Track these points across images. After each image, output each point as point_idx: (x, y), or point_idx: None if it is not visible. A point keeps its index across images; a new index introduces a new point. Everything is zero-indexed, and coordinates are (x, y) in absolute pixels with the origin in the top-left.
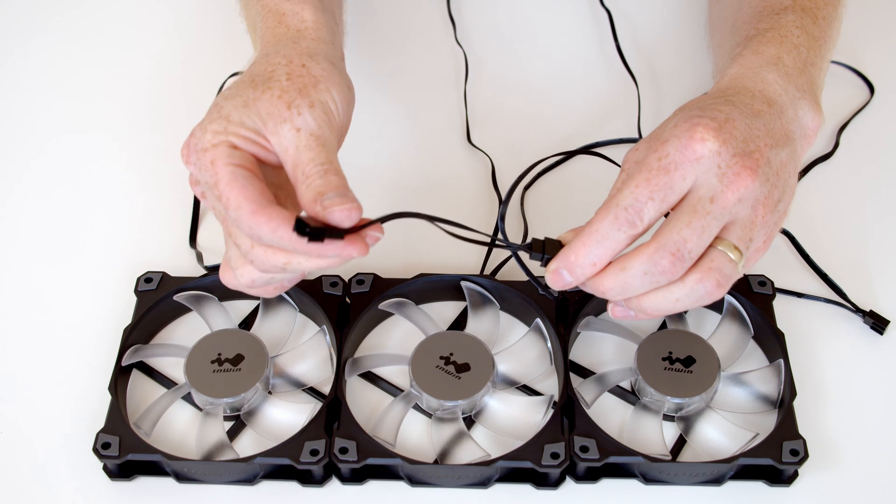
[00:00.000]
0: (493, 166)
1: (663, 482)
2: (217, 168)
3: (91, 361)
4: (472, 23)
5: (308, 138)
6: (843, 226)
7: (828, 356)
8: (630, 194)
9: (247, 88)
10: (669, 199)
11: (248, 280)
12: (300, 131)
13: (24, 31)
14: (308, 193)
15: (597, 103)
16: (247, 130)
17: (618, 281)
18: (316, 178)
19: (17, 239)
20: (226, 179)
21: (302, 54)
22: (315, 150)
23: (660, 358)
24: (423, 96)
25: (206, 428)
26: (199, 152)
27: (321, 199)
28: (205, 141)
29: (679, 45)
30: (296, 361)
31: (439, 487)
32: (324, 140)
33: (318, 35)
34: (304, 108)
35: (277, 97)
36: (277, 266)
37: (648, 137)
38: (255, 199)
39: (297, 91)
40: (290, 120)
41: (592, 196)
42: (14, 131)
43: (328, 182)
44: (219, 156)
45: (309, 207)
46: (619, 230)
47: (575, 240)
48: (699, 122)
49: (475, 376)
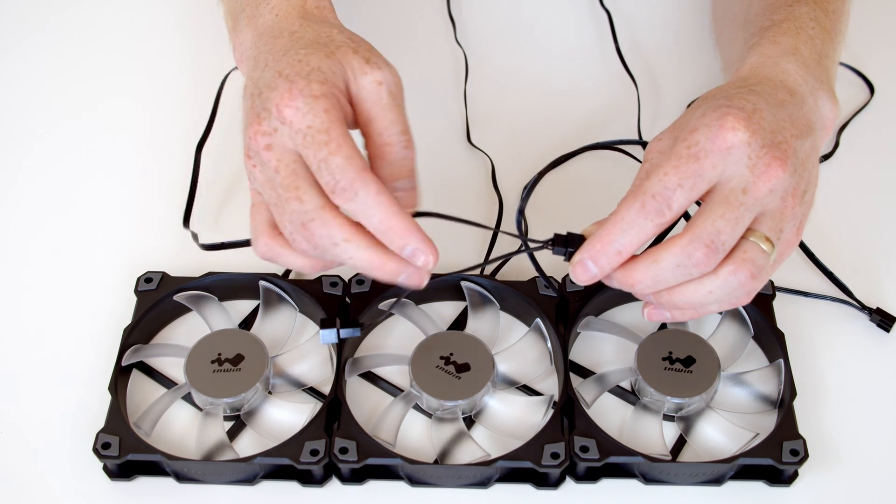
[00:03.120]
0: (493, 166)
1: (663, 482)
2: (332, 117)
3: (91, 361)
4: (472, 23)
5: (388, 96)
6: (846, 224)
7: (828, 356)
8: (658, 182)
9: (317, 47)
10: (699, 187)
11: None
12: (381, 85)
13: (23, 28)
14: (385, 168)
15: (596, 104)
16: (340, 80)
17: (648, 273)
18: (396, 152)
19: (16, 239)
20: (341, 130)
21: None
22: (395, 112)
23: (660, 358)
24: (423, 96)
25: (206, 428)
26: (310, 99)
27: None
28: (314, 88)
29: (678, 46)
30: (296, 361)
31: (439, 487)
32: (399, 101)
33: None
34: (381, 63)
35: (353, 52)
36: (332, 240)
37: (673, 127)
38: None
39: (368, 49)
40: (371, 72)
41: (595, 195)
42: (13, 131)
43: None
44: (332, 106)
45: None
46: (646, 219)
47: (600, 228)
48: (729, 112)
49: (475, 376)
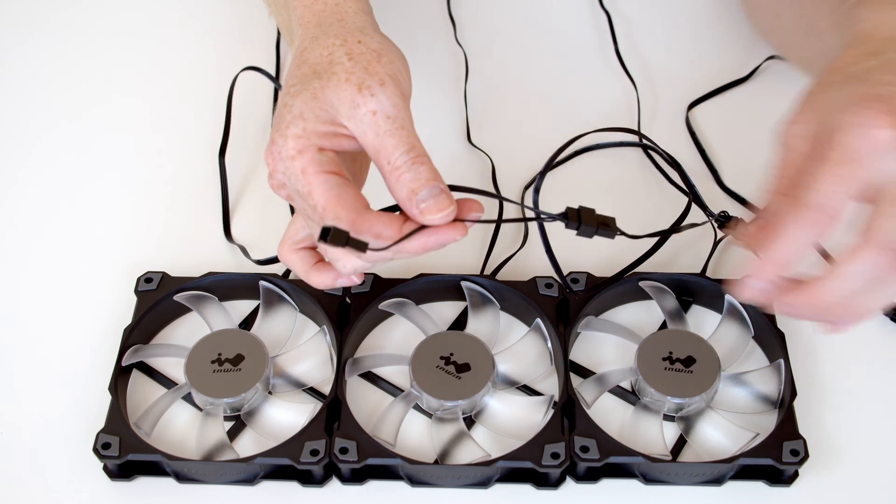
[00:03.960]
0: (493, 166)
1: (663, 482)
2: (309, 178)
3: (91, 361)
4: (472, 23)
5: (386, 122)
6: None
7: (828, 356)
8: (816, 193)
9: (311, 80)
10: (858, 189)
11: (352, 268)
12: (376, 114)
13: (24, 28)
14: (402, 191)
15: (596, 104)
16: (324, 125)
17: (831, 290)
18: (405, 171)
19: (16, 239)
20: (320, 190)
21: (353, 31)
22: (397, 136)
23: (660, 358)
24: (423, 96)
25: (206, 428)
26: (286, 161)
27: (415, 198)
28: (289, 148)
29: (678, 46)
30: (296, 361)
31: (439, 487)
32: (402, 121)
33: (358, 6)
34: (375, 87)
35: (345, 80)
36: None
37: (807, 107)
38: (352, 207)
39: (363, 70)
40: (363, 104)
41: (598, 192)
42: (14, 131)
43: (418, 175)
44: (308, 164)
45: (405, 206)
46: (808, 231)
47: (762, 248)
48: (870, 106)
49: (475, 376)
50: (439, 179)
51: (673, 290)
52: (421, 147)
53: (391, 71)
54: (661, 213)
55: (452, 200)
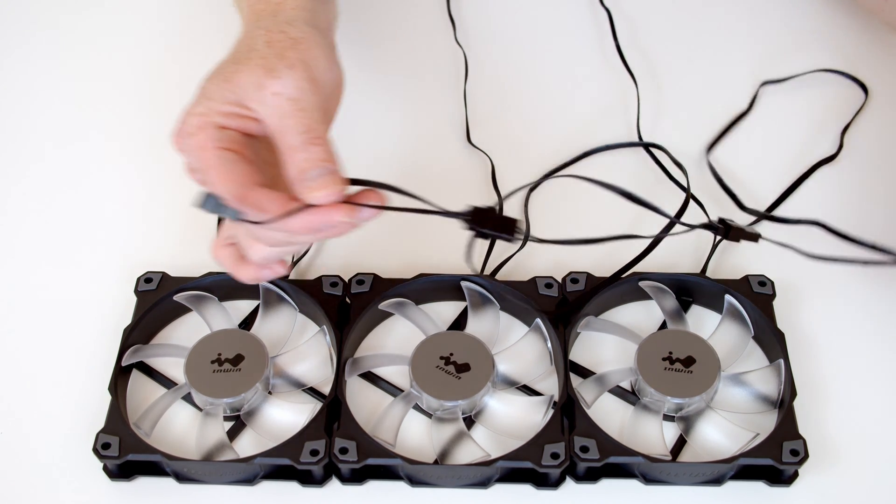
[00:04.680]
0: (493, 166)
1: (663, 482)
2: (205, 153)
3: (91, 361)
4: (472, 23)
5: (287, 104)
6: (854, 223)
7: (828, 356)
8: None
9: (228, 64)
10: None
11: (260, 256)
12: (280, 96)
13: (24, 31)
14: (293, 170)
15: (596, 103)
16: (229, 105)
17: None
18: (298, 151)
19: (17, 239)
20: (212, 164)
21: (281, 23)
22: (296, 118)
23: (660, 358)
24: (423, 96)
25: (206, 428)
26: (186, 138)
27: (303, 177)
28: (190, 125)
29: (678, 44)
30: (296, 361)
31: (439, 487)
32: (304, 104)
33: (298, 4)
34: (282, 70)
35: (257, 65)
36: (284, 240)
37: None
38: (241, 181)
39: (276, 56)
40: (269, 86)
41: (597, 199)
42: (14, 131)
43: (310, 156)
44: (206, 140)
45: (294, 186)
46: None
47: None
48: None
49: (475, 376)
50: (332, 162)
51: (673, 290)
52: (320, 130)
53: (305, 56)
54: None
55: (340, 182)
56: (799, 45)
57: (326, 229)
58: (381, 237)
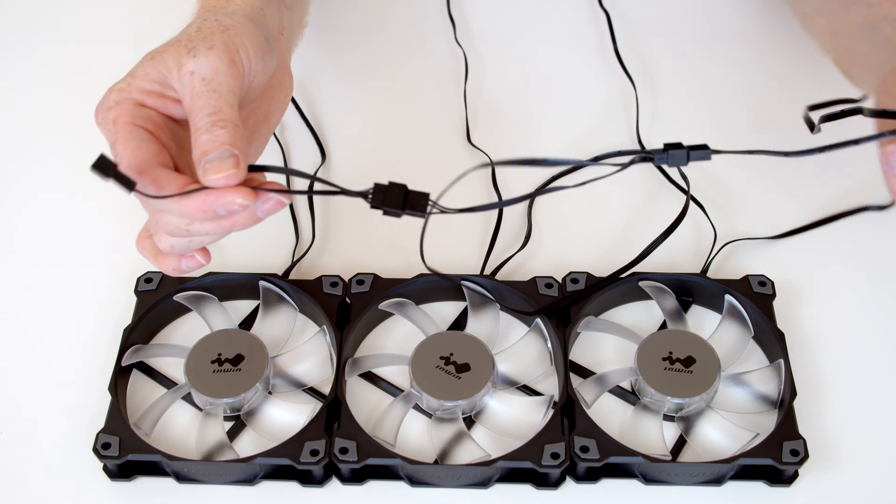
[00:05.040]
0: (492, 167)
1: (663, 482)
2: (117, 126)
3: (91, 361)
4: (472, 23)
5: (200, 83)
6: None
7: (828, 356)
8: None
9: (163, 45)
10: None
11: (167, 245)
12: (194, 75)
13: (24, 30)
14: (196, 152)
15: (595, 104)
16: (150, 83)
17: None
18: (203, 133)
19: (17, 239)
20: (122, 139)
21: (221, 13)
22: (205, 97)
23: (660, 358)
24: (423, 96)
25: (206, 428)
26: (104, 111)
27: (203, 159)
28: (109, 99)
29: (677, 46)
30: (296, 361)
31: (439, 487)
32: (216, 84)
33: (247, 2)
34: (201, 50)
35: (181, 45)
36: (181, 228)
37: None
38: (144, 159)
39: (202, 38)
40: (186, 64)
41: (600, 205)
42: (14, 131)
43: (213, 139)
44: (121, 113)
45: (196, 167)
46: None
47: None
48: None
49: (475, 376)
50: (236, 146)
51: (673, 290)
52: (229, 112)
53: (228, 41)
54: (671, 218)
55: (239, 166)
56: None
57: (226, 217)
58: (381, 237)
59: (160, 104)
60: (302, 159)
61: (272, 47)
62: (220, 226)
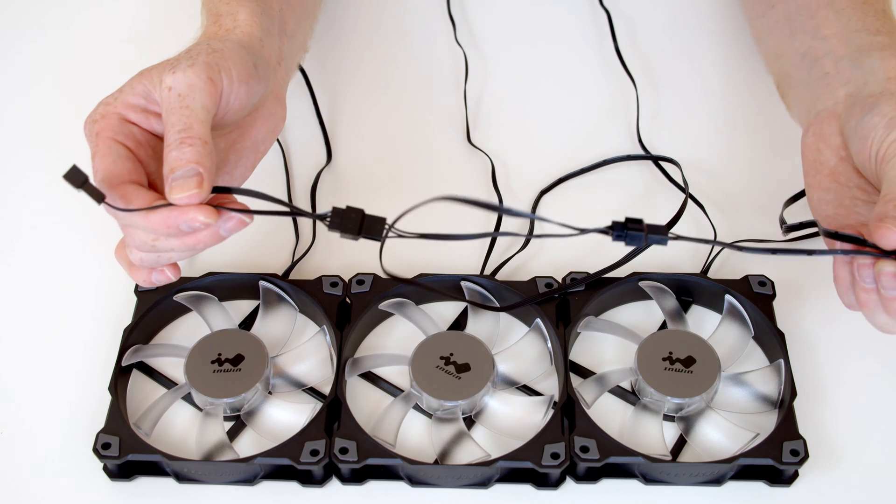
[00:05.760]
0: (493, 166)
1: (663, 482)
2: (98, 140)
3: (91, 361)
4: (472, 23)
5: (175, 99)
6: None
7: (828, 356)
8: None
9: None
10: None
11: (137, 258)
12: (171, 90)
13: (25, 31)
14: (165, 168)
15: (596, 104)
16: (136, 97)
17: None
18: (172, 149)
19: (17, 239)
20: (101, 153)
21: (214, 39)
22: (178, 113)
23: (660, 358)
24: (423, 96)
25: (206, 428)
26: (90, 123)
27: (170, 176)
28: (96, 112)
29: (678, 46)
30: (296, 361)
31: (439, 487)
32: (190, 101)
33: (246, 31)
34: (181, 68)
35: (168, 63)
36: (147, 244)
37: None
38: (118, 175)
39: (186, 56)
40: (165, 79)
41: (600, 206)
42: (14, 131)
43: (180, 156)
44: (104, 128)
45: (165, 184)
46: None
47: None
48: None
49: (475, 376)
50: (202, 164)
51: (673, 290)
52: (198, 130)
53: (212, 60)
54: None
55: (203, 184)
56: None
57: (189, 234)
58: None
59: (143, 119)
60: (303, 159)
61: (260, 74)
62: (185, 243)
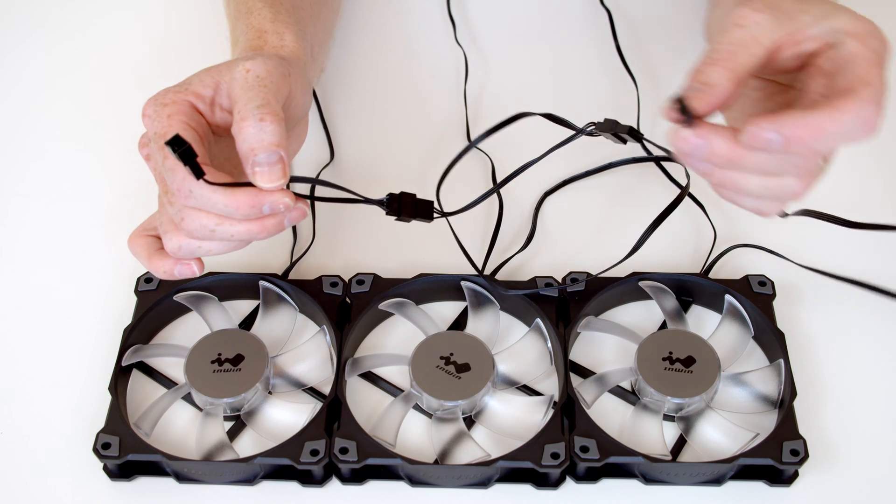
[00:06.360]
0: (493, 166)
1: (663, 482)
2: (172, 121)
3: (91, 361)
4: (472, 23)
5: (254, 79)
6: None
7: (828, 356)
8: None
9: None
10: None
11: (175, 246)
12: (249, 72)
13: (22, 30)
14: (243, 145)
15: (596, 103)
16: (205, 87)
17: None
18: (251, 125)
19: (17, 239)
20: (180, 128)
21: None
22: (256, 90)
23: (660, 358)
24: (423, 96)
25: (206, 428)
26: (159, 106)
27: (252, 158)
28: (165, 97)
29: (679, 44)
30: (296, 361)
31: (439, 487)
32: (268, 81)
33: (294, 52)
34: (259, 58)
35: (240, 59)
36: (207, 228)
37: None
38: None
39: (260, 54)
40: (242, 63)
41: (600, 206)
42: (14, 131)
43: (260, 135)
44: (177, 111)
45: (243, 159)
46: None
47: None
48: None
49: (475, 376)
50: (282, 146)
51: (673, 290)
52: (276, 108)
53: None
54: (672, 219)
55: (286, 170)
56: None
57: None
58: (381, 237)
59: (209, 111)
60: (306, 157)
61: (310, 90)
62: (248, 229)
